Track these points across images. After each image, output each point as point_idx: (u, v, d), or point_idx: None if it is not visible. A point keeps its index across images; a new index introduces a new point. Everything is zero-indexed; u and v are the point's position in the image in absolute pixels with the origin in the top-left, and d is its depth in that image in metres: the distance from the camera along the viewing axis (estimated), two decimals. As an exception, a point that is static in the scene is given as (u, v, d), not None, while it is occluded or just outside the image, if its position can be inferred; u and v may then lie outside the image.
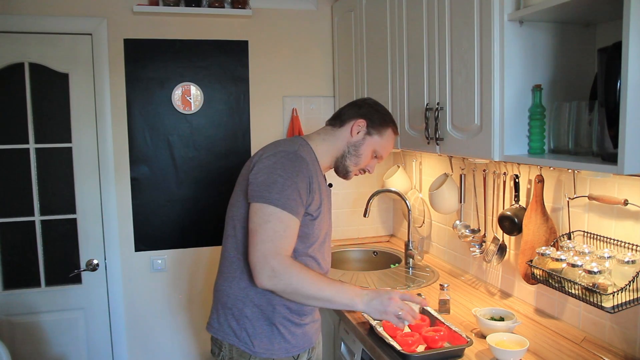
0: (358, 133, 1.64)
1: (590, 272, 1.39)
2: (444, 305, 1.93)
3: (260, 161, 1.52)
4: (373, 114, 1.66)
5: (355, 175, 1.72)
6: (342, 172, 1.70)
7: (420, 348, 1.61)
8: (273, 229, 1.41)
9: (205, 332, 2.88)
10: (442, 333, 1.64)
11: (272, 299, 1.55)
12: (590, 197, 1.60)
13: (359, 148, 1.65)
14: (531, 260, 1.64)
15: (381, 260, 2.83)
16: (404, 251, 2.64)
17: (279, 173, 1.46)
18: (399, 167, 2.83)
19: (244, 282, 1.56)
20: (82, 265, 2.68)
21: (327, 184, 1.72)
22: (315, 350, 1.75)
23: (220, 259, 1.67)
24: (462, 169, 2.27)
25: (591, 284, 1.38)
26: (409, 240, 2.59)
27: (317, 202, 1.56)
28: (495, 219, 2.09)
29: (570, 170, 1.67)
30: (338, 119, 1.68)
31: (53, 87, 2.58)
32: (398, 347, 1.56)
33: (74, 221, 2.66)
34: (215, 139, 2.80)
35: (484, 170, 2.14)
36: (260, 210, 1.44)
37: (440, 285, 1.96)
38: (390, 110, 2.21)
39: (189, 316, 2.87)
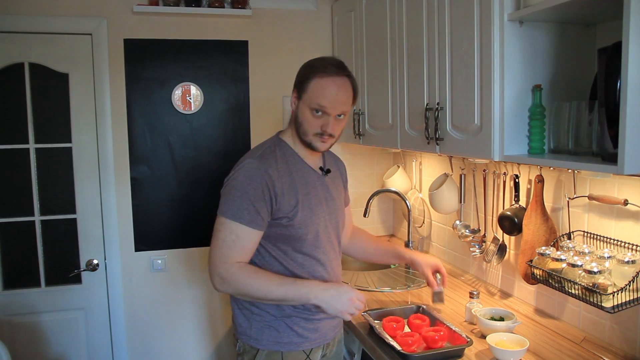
0: (294, 104, 1.62)
1: (590, 272, 1.39)
2: (438, 296, 1.92)
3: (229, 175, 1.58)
4: (298, 76, 1.60)
5: (324, 142, 1.57)
6: (309, 147, 1.59)
7: (420, 348, 1.61)
8: (222, 238, 1.51)
9: (205, 332, 2.90)
10: (442, 333, 1.64)
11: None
12: (590, 197, 1.60)
13: (297, 118, 1.58)
14: (531, 260, 1.64)
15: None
16: (404, 251, 2.64)
17: (232, 185, 1.52)
18: (399, 167, 2.83)
19: None
20: (82, 265, 2.68)
21: (325, 170, 1.68)
22: (332, 348, 1.72)
23: None
24: (462, 169, 2.27)
25: (591, 284, 1.38)
26: (409, 240, 2.59)
27: (292, 202, 1.53)
28: (495, 219, 2.09)
29: (570, 170, 1.67)
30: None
31: (53, 87, 2.58)
32: (398, 347, 1.56)
33: (74, 221, 2.66)
34: (215, 139, 2.80)
35: (484, 170, 2.14)
36: (216, 221, 1.53)
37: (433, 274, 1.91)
38: (390, 111, 2.23)
39: (188, 316, 2.87)
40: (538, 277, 1.59)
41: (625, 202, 1.48)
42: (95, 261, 2.67)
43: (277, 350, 1.58)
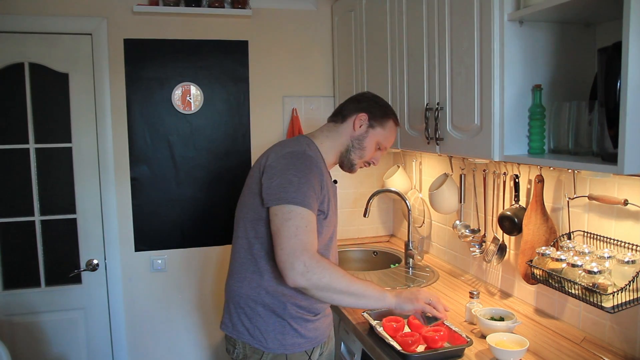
0: (361, 127, 1.67)
1: (590, 272, 1.39)
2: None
3: (271, 165, 1.54)
4: (373, 107, 1.70)
5: (360, 168, 1.75)
6: (348, 166, 1.72)
7: (420, 348, 1.61)
8: (295, 225, 1.42)
9: (205, 332, 2.90)
10: (442, 333, 1.64)
11: (283, 298, 1.57)
12: (590, 197, 1.60)
13: (362, 141, 1.68)
14: (531, 260, 1.64)
15: (381, 260, 2.84)
16: (404, 251, 2.64)
17: (292, 173, 1.49)
18: (399, 167, 2.83)
19: (255, 282, 1.59)
20: (82, 265, 2.68)
21: (332, 180, 1.72)
22: (327, 345, 1.76)
23: (230, 259, 1.70)
24: (462, 169, 2.27)
25: (591, 284, 1.38)
26: (409, 240, 2.59)
27: (326, 200, 1.58)
28: (495, 219, 2.09)
29: (570, 170, 1.67)
30: (339, 115, 1.72)
31: (53, 87, 2.58)
32: (398, 347, 1.56)
33: (74, 221, 2.66)
34: (215, 139, 2.80)
35: (484, 170, 2.14)
36: (279, 211, 1.44)
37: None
38: (390, 110, 2.23)
39: (189, 316, 2.87)
40: (538, 277, 1.59)
41: (625, 202, 1.48)
42: (95, 261, 2.67)
43: (282, 354, 1.58)
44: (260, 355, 1.58)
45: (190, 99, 2.74)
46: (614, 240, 1.54)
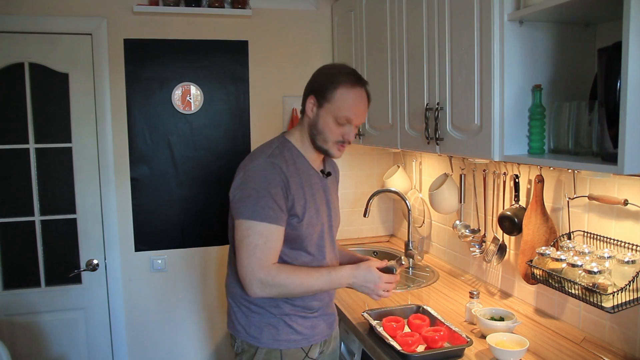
0: (312, 109, 1.57)
1: (590, 272, 1.39)
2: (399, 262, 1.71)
3: (236, 178, 1.56)
4: (317, 83, 1.56)
5: (340, 150, 1.60)
6: (324, 153, 1.62)
7: (420, 348, 1.61)
8: (253, 243, 1.47)
9: (205, 331, 2.90)
10: (442, 333, 1.64)
11: (275, 298, 1.58)
12: (590, 197, 1.60)
13: (317, 125, 1.56)
14: (531, 260, 1.64)
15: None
16: (404, 251, 2.64)
17: (251, 186, 1.49)
18: (399, 167, 2.83)
19: (243, 290, 1.60)
20: (82, 265, 2.68)
21: (325, 173, 1.68)
22: (329, 344, 1.74)
23: (228, 258, 1.72)
24: (462, 169, 2.27)
25: (591, 284, 1.38)
26: (409, 240, 2.59)
27: (301, 202, 1.55)
28: (495, 219, 2.09)
29: (570, 170, 1.67)
30: (302, 101, 1.62)
31: (53, 87, 2.58)
32: (398, 347, 1.56)
33: (74, 221, 2.65)
34: (215, 139, 2.80)
35: (484, 170, 2.14)
36: (240, 226, 1.50)
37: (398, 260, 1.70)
38: (390, 111, 2.23)
39: (188, 316, 2.87)
40: (538, 277, 1.59)
41: (625, 202, 1.48)
42: (95, 261, 2.67)
43: (276, 348, 1.59)
44: (255, 350, 1.61)
45: (190, 99, 2.74)
46: (614, 240, 1.54)
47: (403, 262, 1.64)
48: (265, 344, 1.59)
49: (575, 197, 1.66)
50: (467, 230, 2.27)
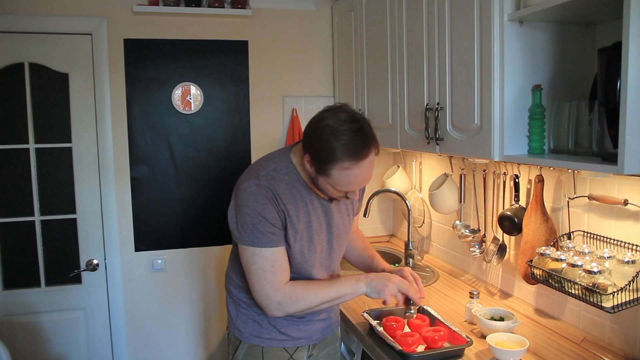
0: (311, 168, 1.42)
1: (590, 272, 1.39)
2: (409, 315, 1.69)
3: (234, 195, 1.50)
4: (313, 147, 1.38)
5: (344, 199, 1.52)
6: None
7: (420, 348, 1.61)
8: (262, 269, 1.46)
9: (205, 332, 2.90)
10: (442, 333, 1.64)
11: None
12: (590, 197, 1.60)
13: (317, 184, 1.45)
14: (531, 260, 1.64)
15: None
16: (404, 251, 2.64)
17: (245, 212, 1.44)
18: (399, 167, 2.83)
19: (237, 283, 1.65)
20: (82, 265, 2.68)
21: (329, 199, 1.54)
22: (321, 348, 1.73)
23: (230, 253, 1.75)
24: (462, 169, 2.27)
25: (591, 284, 1.38)
26: (409, 240, 2.59)
27: (291, 232, 1.49)
28: (495, 219, 2.09)
29: (570, 170, 1.67)
30: (302, 142, 1.47)
31: (53, 87, 2.58)
32: (398, 347, 1.56)
33: (74, 221, 2.66)
34: (215, 139, 2.80)
35: (484, 170, 2.14)
36: (244, 252, 1.48)
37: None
38: (390, 111, 2.23)
39: (188, 316, 2.87)
40: (538, 277, 1.59)
41: (625, 202, 1.48)
42: (95, 261, 2.67)
43: (257, 345, 1.61)
44: (239, 343, 1.64)
45: (190, 99, 2.74)
46: (614, 240, 1.54)
47: (412, 311, 1.63)
48: (247, 339, 1.62)
49: (575, 197, 1.66)
50: (467, 230, 2.27)
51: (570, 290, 1.46)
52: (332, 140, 1.32)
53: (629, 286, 1.33)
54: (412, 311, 1.63)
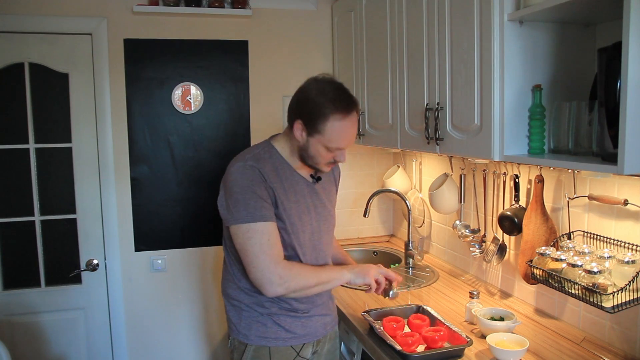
0: (301, 135, 1.52)
1: (590, 272, 1.39)
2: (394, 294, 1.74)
3: (221, 185, 1.56)
4: (304, 110, 1.50)
5: (330, 166, 1.60)
6: (314, 170, 1.63)
7: (420, 348, 1.61)
8: (259, 242, 1.48)
9: (205, 331, 2.90)
10: (442, 333, 1.64)
11: (261, 300, 1.60)
12: (590, 197, 1.60)
13: (308, 150, 1.53)
14: (531, 260, 1.64)
15: (381, 260, 2.83)
16: (404, 251, 2.64)
17: (236, 191, 1.49)
18: (399, 167, 2.83)
19: (235, 284, 1.65)
20: (82, 265, 2.68)
21: (315, 177, 1.67)
22: (323, 344, 1.74)
23: (223, 260, 1.74)
24: (462, 169, 2.27)
25: (591, 284, 1.38)
26: (409, 240, 2.59)
27: (283, 206, 1.55)
28: (495, 219, 2.09)
29: (570, 170, 1.67)
30: (288, 117, 1.58)
31: (53, 87, 2.58)
32: (398, 347, 1.56)
33: (74, 221, 2.66)
34: (215, 139, 2.80)
35: (484, 170, 2.14)
36: (238, 231, 1.50)
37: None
38: (390, 111, 2.23)
39: (188, 316, 2.87)
40: (538, 277, 1.59)
41: (625, 202, 1.48)
42: (95, 261, 2.67)
43: (264, 346, 1.61)
44: (244, 347, 1.63)
45: (190, 99, 2.74)
46: (614, 240, 1.54)
47: (395, 290, 1.70)
48: (253, 341, 1.62)
49: (575, 197, 1.66)
50: (467, 230, 2.27)
51: (570, 290, 1.46)
52: (322, 98, 1.47)
53: (629, 286, 1.33)
54: (394, 290, 1.68)
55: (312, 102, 1.49)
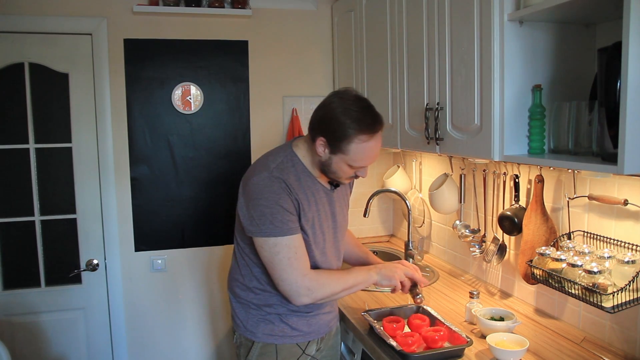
0: (324, 151, 1.50)
1: (590, 272, 1.39)
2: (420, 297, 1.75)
3: (243, 192, 1.54)
4: (328, 129, 1.46)
5: (352, 180, 1.67)
6: (335, 184, 1.66)
7: (420, 348, 1.61)
8: (287, 257, 1.49)
9: (205, 331, 2.90)
10: (442, 333, 1.64)
11: (269, 300, 1.63)
12: (590, 197, 1.60)
13: (330, 166, 1.53)
14: (531, 260, 1.64)
15: (381, 260, 2.83)
16: (404, 251, 2.64)
17: (262, 203, 1.48)
18: (399, 167, 2.83)
19: (244, 284, 1.67)
20: (82, 265, 2.68)
21: (334, 184, 1.67)
22: (327, 341, 1.77)
23: (232, 255, 1.76)
24: (462, 169, 2.27)
25: (591, 284, 1.38)
26: (409, 240, 2.59)
27: (307, 218, 1.56)
28: (495, 219, 2.09)
29: (570, 170, 1.67)
30: (309, 131, 1.56)
31: (53, 87, 2.58)
32: (398, 347, 1.56)
33: (74, 221, 2.65)
34: (215, 139, 2.80)
35: (484, 170, 2.14)
36: (265, 244, 1.50)
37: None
38: (390, 111, 2.23)
39: (189, 316, 2.87)
40: (538, 277, 1.59)
41: (625, 202, 1.48)
42: (95, 261, 2.67)
43: (271, 343, 1.63)
44: (251, 344, 1.65)
45: (190, 99, 2.74)
46: (614, 240, 1.54)
47: (421, 295, 1.71)
48: (260, 339, 1.63)
49: (575, 197, 1.66)
50: (467, 230, 2.27)
51: (570, 290, 1.46)
52: (347, 118, 1.44)
53: (629, 286, 1.33)
54: (420, 295, 1.70)
55: (336, 121, 1.45)
